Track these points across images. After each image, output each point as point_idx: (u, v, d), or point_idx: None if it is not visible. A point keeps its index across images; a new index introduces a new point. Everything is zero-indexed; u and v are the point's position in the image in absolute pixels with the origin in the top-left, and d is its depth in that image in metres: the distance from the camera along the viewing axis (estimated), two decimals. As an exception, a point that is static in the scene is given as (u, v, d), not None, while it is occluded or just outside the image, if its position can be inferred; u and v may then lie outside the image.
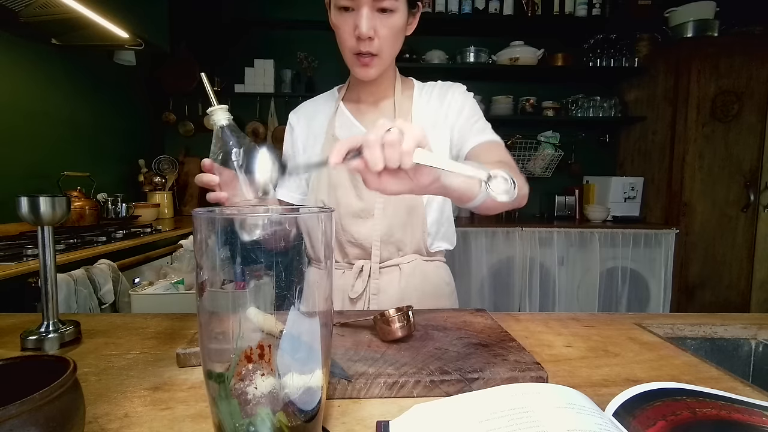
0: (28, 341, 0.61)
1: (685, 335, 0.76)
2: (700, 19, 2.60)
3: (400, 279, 0.89)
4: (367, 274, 0.89)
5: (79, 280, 1.31)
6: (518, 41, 2.81)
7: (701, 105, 2.62)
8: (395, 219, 0.88)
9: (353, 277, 0.90)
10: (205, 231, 0.32)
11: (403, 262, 0.90)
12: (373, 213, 0.87)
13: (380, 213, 0.87)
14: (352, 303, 0.89)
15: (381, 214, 0.87)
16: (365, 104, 0.93)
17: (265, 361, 0.32)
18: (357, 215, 0.88)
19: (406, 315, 0.59)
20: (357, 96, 0.94)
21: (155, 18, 2.09)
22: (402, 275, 0.89)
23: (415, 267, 0.91)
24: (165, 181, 2.72)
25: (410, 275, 0.90)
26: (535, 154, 2.98)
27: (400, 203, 0.87)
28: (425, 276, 0.92)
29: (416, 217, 0.89)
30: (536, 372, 0.51)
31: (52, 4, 1.56)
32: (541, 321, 0.77)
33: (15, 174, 1.81)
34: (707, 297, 2.72)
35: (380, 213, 0.87)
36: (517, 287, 2.61)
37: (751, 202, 2.62)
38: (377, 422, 0.42)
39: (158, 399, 0.47)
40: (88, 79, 2.24)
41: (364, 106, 0.93)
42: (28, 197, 0.59)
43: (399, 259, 0.90)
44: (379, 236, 0.88)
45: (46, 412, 0.30)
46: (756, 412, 0.40)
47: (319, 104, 0.98)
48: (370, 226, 0.88)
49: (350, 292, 0.89)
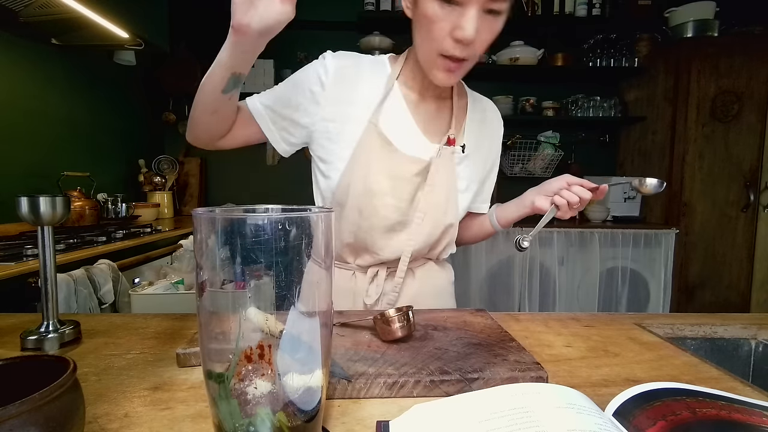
0: (28, 341, 0.61)
1: (685, 335, 0.76)
2: (700, 19, 2.60)
3: (413, 282, 0.87)
4: (382, 278, 0.84)
5: (79, 280, 1.31)
6: (518, 41, 2.81)
7: (701, 105, 2.63)
8: (430, 238, 0.82)
9: (367, 281, 0.85)
10: (205, 231, 0.32)
11: (416, 265, 0.88)
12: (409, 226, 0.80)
13: (418, 228, 0.80)
14: (365, 308, 0.85)
15: (418, 229, 0.80)
16: (422, 97, 0.82)
17: (265, 361, 0.32)
18: (392, 228, 0.80)
19: (406, 315, 0.59)
20: (416, 84, 0.80)
21: (155, 18, 2.09)
22: (415, 278, 0.88)
23: (428, 270, 0.90)
24: (165, 181, 2.72)
25: (423, 278, 0.89)
26: (535, 154, 2.98)
27: (439, 223, 0.82)
28: (436, 278, 0.91)
29: (446, 236, 0.85)
30: (536, 372, 0.51)
31: (52, 4, 1.56)
32: (541, 321, 0.77)
33: (15, 174, 1.81)
34: (707, 297, 2.72)
35: (418, 228, 0.80)
36: (517, 287, 2.61)
37: (751, 202, 2.62)
38: (377, 422, 0.42)
39: (158, 399, 0.47)
40: (87, 79, 2.24)
41: (419, 98, 0.82)
42: (28, 197, 0.59)
43: (413, 263, 0.87)
44: (411, 251, 0.81)
45: (46, 412, 0.30)
46: (756, 412, 0.40)
47: (363, 70, 0.80)
48: (404, 239, 0.81)
49: (365, 298, 0.84)
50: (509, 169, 3.03)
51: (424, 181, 0.79)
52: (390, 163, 0.77)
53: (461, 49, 0.66)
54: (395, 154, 0.77)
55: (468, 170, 0.85)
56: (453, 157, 0.81)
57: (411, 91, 0.81)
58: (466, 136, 0.85)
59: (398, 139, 0.78)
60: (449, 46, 0.66)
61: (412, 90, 0.81)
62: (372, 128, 0.77)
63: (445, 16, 0.65)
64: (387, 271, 0.85)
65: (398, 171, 0.77)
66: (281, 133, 0.80)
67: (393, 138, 0.78)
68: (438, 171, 0.79)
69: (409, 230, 0.81)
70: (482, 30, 0.66)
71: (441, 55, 0.68)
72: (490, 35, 0.68)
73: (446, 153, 0.80)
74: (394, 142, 0.77)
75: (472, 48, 0.67)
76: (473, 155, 0.86)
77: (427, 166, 0.79)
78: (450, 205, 0.82)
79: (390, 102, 0.79)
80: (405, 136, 0.79)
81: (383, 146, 0.77)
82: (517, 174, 3.03)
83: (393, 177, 0.77)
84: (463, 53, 0.67)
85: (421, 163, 0.78)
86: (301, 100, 0.78)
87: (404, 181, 0.78)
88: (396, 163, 0.77)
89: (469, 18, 0.63)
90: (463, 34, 0.64)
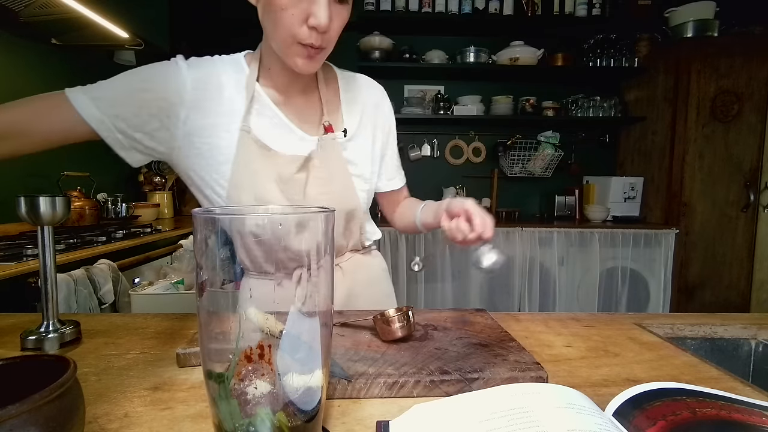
0: (28, 341, 0.61)
1: (685, 335, 0.76)
2: (700, 19, 2.60)
3: (344, 278, 0.87)
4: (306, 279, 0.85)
5: (79, 280, 1.31)
6: (518, 41, 2.82)
7: (701, 105, 2.63)
8: (337, 228, 0.82)
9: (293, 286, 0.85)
10: (205, 231, 0.32)
11: (342, 260, 0.87)
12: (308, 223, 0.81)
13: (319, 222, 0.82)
14: None
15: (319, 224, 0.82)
16: (287, 95, 0.79)
17: (265, 361, 0.32)
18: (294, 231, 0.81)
19: (406, 315, 0.59)
20: (278, 82, 0.77)
21: (155, 18, 2.09)
22: (345, 273, 0.87)
23: (355, 263, 0.89)
24: (165, 181, 2.72)
25: (352, 271, 0.88)
26: (535, 154, 2.98)
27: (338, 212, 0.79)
28: (366, 268, 0.91)
29: (354, 223, 0.85)
30: (536, 372, 0.51)
31: (52, 4, 1.56)
32: (541, 321, 0.77)
33: (15, 174, 1.81)
34: (707, 297, 2.73)
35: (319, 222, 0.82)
36: (517, 287, 2.61)
37: (751, 202, 2.62)
38: (377, 422, 0.42)
39: (158, 399, 0.47)
40: (88, 79, 2.21)
41: (285, 96, 0.79)
42: (28, 197, 0.59)
43: (338, 259, 0.86)
44: None
45: (46, 412, 0.30)
46: (756, 412, 0.40)
47: (223, 76, 0.74)
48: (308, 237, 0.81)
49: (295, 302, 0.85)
50: (509, 169, 3.03)
51: (310, 176, 0.78)
52: (274, 168, 0.74)
53: (317, 37, 0.66)
54: (275, 156, 0.75)
55: (357, 151, 0.83)
56: (336, 144, 0.80)
57: (274, 91, 0.78)
58: (345, 119, 0.83)
59: (275, 142, 0.75)
60: (305, 34, 0.66)
61: (275, 89, 0.78)
62: (245, 136, 0.73)
63: (297, 4, 0.64)
64: None
65: (283, 173, 0.75)
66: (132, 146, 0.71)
67: (269, 141, 0.75)
68: (323, 162, 0.78)
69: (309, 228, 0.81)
70: (334, 17, 0.66)
71: (298, 44, 0.67)
72: (342, 22, 0.69)
73: (327, 141, 0.79)
74: (272, 146, 0.75)
75: (327, 36, 0.67)
76: (358, 136, 0.84)
77: (308, 160, 0.77)
78: (347, 191, 0.81)
79: (257, 105, 0.76)
80: (281, 136, 0.77)
81: (262, 152, 0.74)
82: (517, 174, 3.03)
83: (279, 180, 0.75)
84: (318, 41, 0.67)
85: (299, 159, 0.76)
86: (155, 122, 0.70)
87: (291, 181, 0.76)
88: (279, 166, 0.75)
89: (321, 5, 0.63)
90: (317, 22, 0.64)
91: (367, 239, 0.90)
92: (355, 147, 0.83)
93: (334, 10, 0.66)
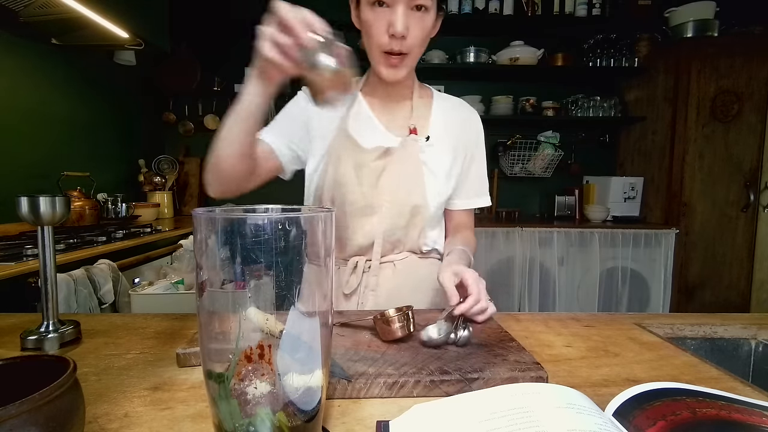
0: (28, 341, 0.61)
1: (685, 335, 0.76)
2: (700, 19, 2.60)
3: (394, 275, 0.90)
4: (362, 270, 0.89)
5: (79, 280, 1.31)
6: (518, 41, 2.81)
7: (701, 105, 2.63)
8: (399, 219, 0.88)
9: (348, 273, 0.90)
10: (205, 231, 0.32)
11: (397, 258, 0.91)
12: (378, 210, 0.87)
13: (386, 211, 0.87)
14: (345, 298, 0.89)
15: (386, 212, 0.87)
16: (384, 102, 0.92)
17: (265, 361, 0.32)
18: (362, 212, 0.87)
19: (406, 315, 0.59)
20: (377, 92, 0.92)
21: (155, 18, 2.08)
22: (396, 271, 0.90)
23: (409, 264, 0.91)
24: (165, 181, 2.72)
25: (404, 271, 0.90)
26: (535, 154, 2.98)
27: (405, 204, 0.87)
28: (419, 272, 0.92)
29: (417, 221, 0.89)
30: (536, 372, 0.51)
31: (52, 4, 1.56)
32: (541, 321, 0.77)
33: (15, 174, 1.81)
34: (707, 297, 2.72)
35: (386, 211, 0.87)
36: (517, 287, 2.61)
37: (751, 202, 2.62)
38: (377, 422, 0.42)
39: (158, 399, 0.47)
40: (87, 79, 2.23)
41: (381, 102, 0.92)
42: (28, 197, 0.59)
43: (394, 255, 0.91)
44: (381, 233, 0.88)
45: (46, 412, 0.30)
46: (756, 412, 0.40)
47: None
48: (375, 222, 0.88)
49: (344, 288, 0.89)
50: (509, 169, 3.03)
51: (387, 167, 0.87)
52: (355, 156, 0.86)
53: (396, 43, 0.77)
54: (359, 148, 0.87)
55: (436, 158, 0.90)
56: (416, 145, 0.89)
57: (373, 98, 0.92)
58: (431, 128, 0.91)
59: (363, 137, 0.88)
60: (386, 42, 0.77)
61: (374, 97, 0.92)
62: (341, 132, 0.88)
63: (379, 17, 0.76)
64: (366, 262, 0.90)
65: (361, 161, 0.86)
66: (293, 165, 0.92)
67: (358, 136, 0.87)
68: (401, 157, 0.87)
69: (378, 214, 0.88)
70: (413, 25, 0.76)
71: (383, 53, 0.79)
72: (421, 30, 0.78)
73: (409, 141, 0.88)
74: (359, 140, 0.87)
75: (407, 42, 0.77)
76: (440, 144, 0.91)
77: (387, 152, 0.87)
78: (415, 187, 0.88)
79: (355, 109, 0.90)
80: (369, 133, 0.89)
81: (349, 143, 0.87)
82: (517, 174, 3.03)
83: (357, 167, 0.86)
84: (398, 47, 0.77)
85: (380, 150, 0.87)
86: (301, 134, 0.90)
87: (367, 168, 0.86)
88: (360, 155, 0.86)
89: (397, 15, 0.74)
90: (394, 29, 0.74)
91: (425, 244, 0.93)
92: (434, 153, 0.90)
93: (412, 18, 0.76)
